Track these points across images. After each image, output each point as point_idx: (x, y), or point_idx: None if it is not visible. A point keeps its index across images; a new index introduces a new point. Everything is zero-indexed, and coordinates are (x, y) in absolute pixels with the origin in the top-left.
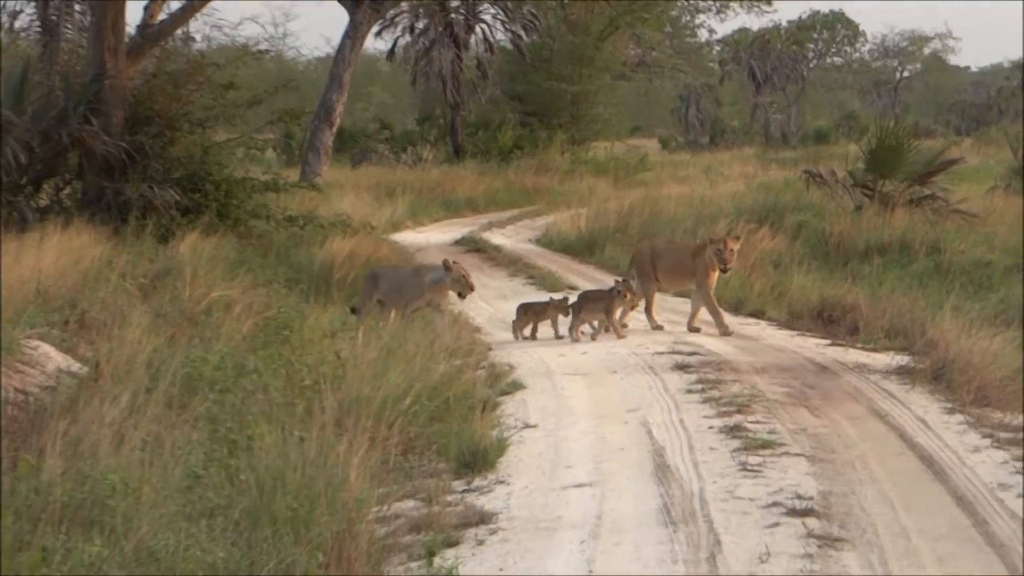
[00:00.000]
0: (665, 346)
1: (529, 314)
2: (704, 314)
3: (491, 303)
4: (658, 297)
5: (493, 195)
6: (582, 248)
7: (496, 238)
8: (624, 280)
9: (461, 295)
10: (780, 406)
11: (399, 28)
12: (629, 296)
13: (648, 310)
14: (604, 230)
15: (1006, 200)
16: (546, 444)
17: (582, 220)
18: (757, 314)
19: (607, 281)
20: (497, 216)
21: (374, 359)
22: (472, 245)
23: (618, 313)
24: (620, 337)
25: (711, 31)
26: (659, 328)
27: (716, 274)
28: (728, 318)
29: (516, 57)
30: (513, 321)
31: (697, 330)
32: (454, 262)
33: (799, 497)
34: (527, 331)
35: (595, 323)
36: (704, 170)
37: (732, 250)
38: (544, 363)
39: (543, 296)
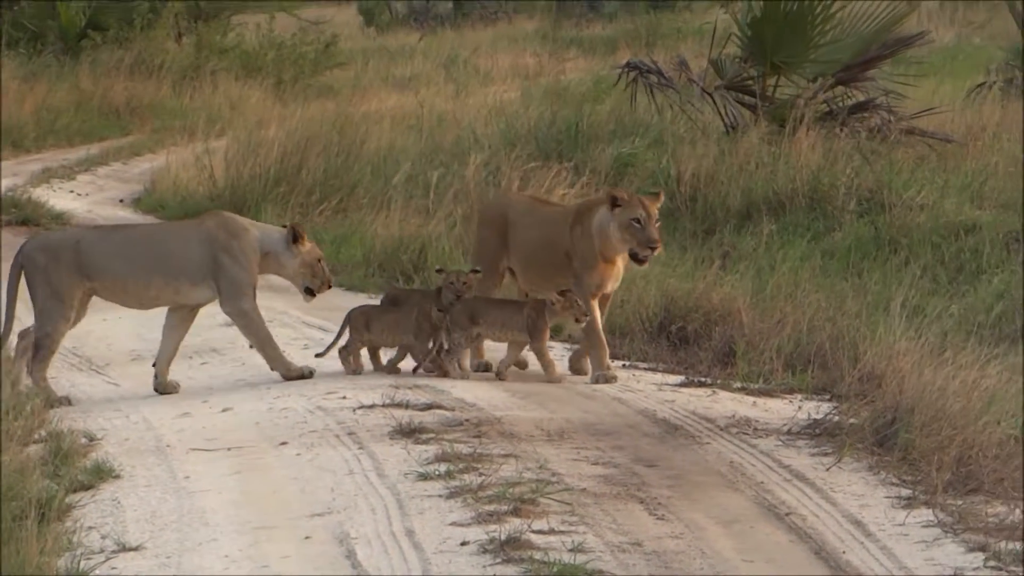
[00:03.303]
0: (378, 393)
1: (383, 327)
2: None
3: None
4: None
5: (52, 119)
6: None
7: (60, 199)
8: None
9: (310, 291)
10: (594, 501)
11: None
12: (559, 303)
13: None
14: (258, 180)
15: (1007, 108)
16: None
17: (217, 162)
18: None
19: None
20: (60, 157)
21: None
22: (13, 213)
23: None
24: (553, 379)
25: None
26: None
27: (615, 265)
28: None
29: None
30: (344, 346)
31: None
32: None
33: None
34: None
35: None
36: (445, 64)
37: (653, 216)
38: (154, 430)
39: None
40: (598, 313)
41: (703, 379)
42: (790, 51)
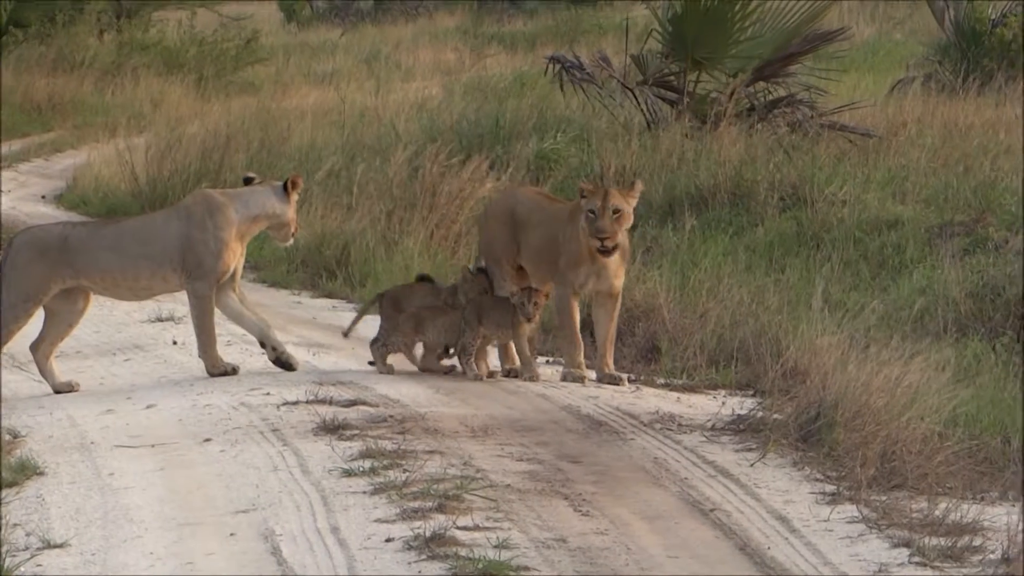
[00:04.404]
0: (302, 389)
1: (438, 329)
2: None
3: None
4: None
5: None
6: (141, 211)
7: None
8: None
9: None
10: (518, 497)
11: None
12: (514, 296)
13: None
14: (180, 175)
15: (928, 103)
16: None
17: (139, 158)
18: None
19: None
20: None
21: None
22: None
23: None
24: (532, 377)
25: None
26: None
27: (599, 262)
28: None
29: None
30: (380, 341)
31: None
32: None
33: None
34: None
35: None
36: (366, 60)
37: (618, 210)
38: (77, 427)
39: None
40: (576, 311)
41: (627, 374)
42: (711, 47)
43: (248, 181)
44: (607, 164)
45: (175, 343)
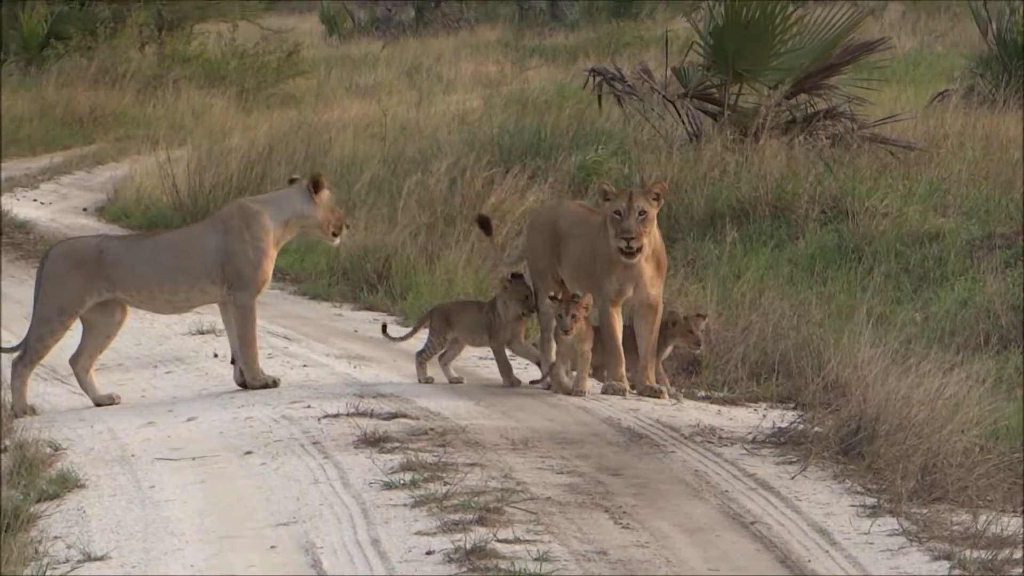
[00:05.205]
0: (343, 401)
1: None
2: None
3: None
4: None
5: (15, 128)
6: (182, 223)
7: (23, 207)
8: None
9: (335, 234)
10: (559, 509)
11: None
12: (552, 306)
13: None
14: (221, 187)
15: (969, 116)
16: None
17: (180, 170)
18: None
19: None
20: (22, 167)
21: None
22: None
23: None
24: (577, 392)
25: None
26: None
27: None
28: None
29: None
30: (425, 349)
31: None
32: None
33: None
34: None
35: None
36: (408, 72)
37: (643, 211)
38: (118, 440)
39: None
40: (617, 321)
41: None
42: (752, 59)
43: (293, 183)
44: (648, 176)
45: (216, 356)
